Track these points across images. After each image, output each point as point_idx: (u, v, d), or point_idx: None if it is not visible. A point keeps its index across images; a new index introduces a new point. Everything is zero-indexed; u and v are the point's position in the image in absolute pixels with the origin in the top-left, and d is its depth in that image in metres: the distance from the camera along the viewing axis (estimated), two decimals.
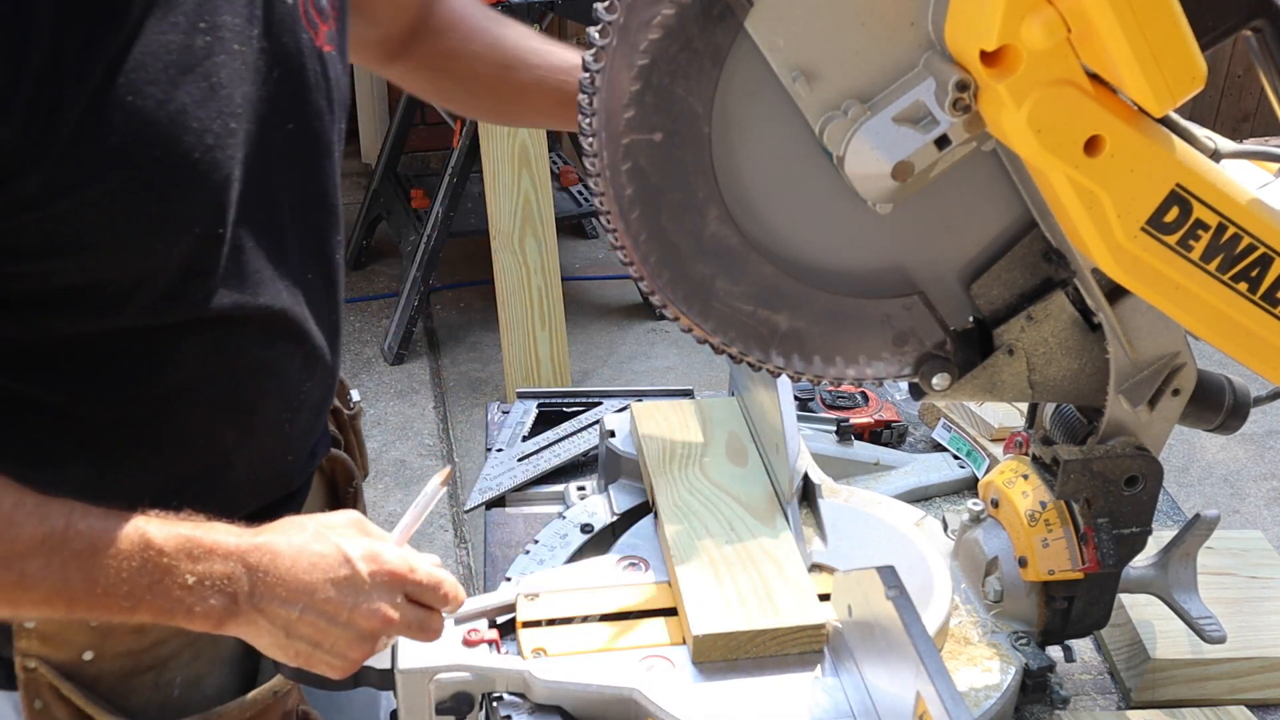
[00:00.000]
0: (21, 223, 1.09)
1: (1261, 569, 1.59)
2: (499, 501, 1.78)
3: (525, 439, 1.88)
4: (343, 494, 1.62)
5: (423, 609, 1.23)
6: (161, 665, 1.32)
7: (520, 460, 1.82)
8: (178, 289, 1.20)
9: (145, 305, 1.19)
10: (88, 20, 1.06)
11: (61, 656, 1.32)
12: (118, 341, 1.21)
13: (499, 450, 1.86)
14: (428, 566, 1.23)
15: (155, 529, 1.14)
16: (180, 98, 1.13)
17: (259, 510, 1.38)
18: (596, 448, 1.76)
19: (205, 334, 1.25)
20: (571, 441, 1.84)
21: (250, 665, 1.42)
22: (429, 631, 1.24)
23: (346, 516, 1.26)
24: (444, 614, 1.26)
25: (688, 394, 1.91)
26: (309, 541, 1.19)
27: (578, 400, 1.96)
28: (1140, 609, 1.48)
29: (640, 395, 1.93)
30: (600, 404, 1.93)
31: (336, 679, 1.23)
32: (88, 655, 1.31)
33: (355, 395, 1.65)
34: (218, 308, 1.23)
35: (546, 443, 1.85)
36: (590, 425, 1.87)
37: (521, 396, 2.01)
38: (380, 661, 1.28)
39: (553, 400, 1.98)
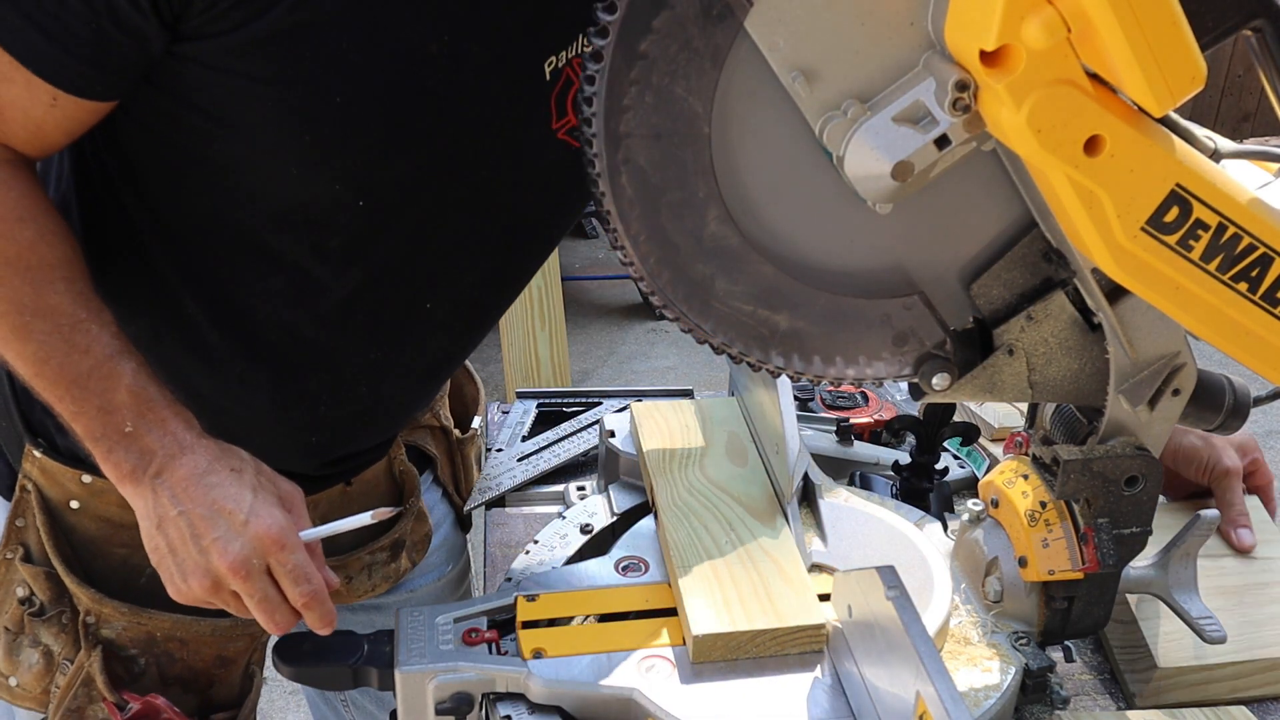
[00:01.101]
0: (200, 79, 1.18)
1: (1261, 546, 1.58)
2: (499, 501, 1.78)
3: (525, 439, 1.88)
4: (409, 505, 1.66)
5: (277, 593, 1.24)
6: (137, 546, 1.33)
7: (520, 460, 1.82)
8: (294, 224, 1.28)
9: (261, 215, 1.28)
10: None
11: (53, 494, 1.41)
12: (229, 228, 1.30)
13: (499, 450, 1.86)
14: (306, 560, 1.23)
15: (135, 368, 1.23)
16: (405, 89, 1.22)
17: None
18: (596, 448, 1.76)
19: (293, 278, 1.32)
20: (571, 441, 1.84)
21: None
22: (273, 619, 1.24)
23: (288, 485, 1.29)
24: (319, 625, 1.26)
25: (688, 394, 1.91)
26: (230, 474, 1.23)
27: (577, 400, 1.96)
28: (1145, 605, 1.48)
29: (640, 395, 1.93)
30: (600, 404, 1.93)
31: (173, 597, 1.26)
32: (74, 504, 1.40)
33: (476, 422, 1.71)
34: (319, 265, 1.31)
35: (546, 443, 1.85)
36: (590, 425, 1.87)
37: (521, 396, 2.01)
38: (380, 661, 1.28)
39: (552, 400, 1.98)
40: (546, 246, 1.51)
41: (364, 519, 1.30)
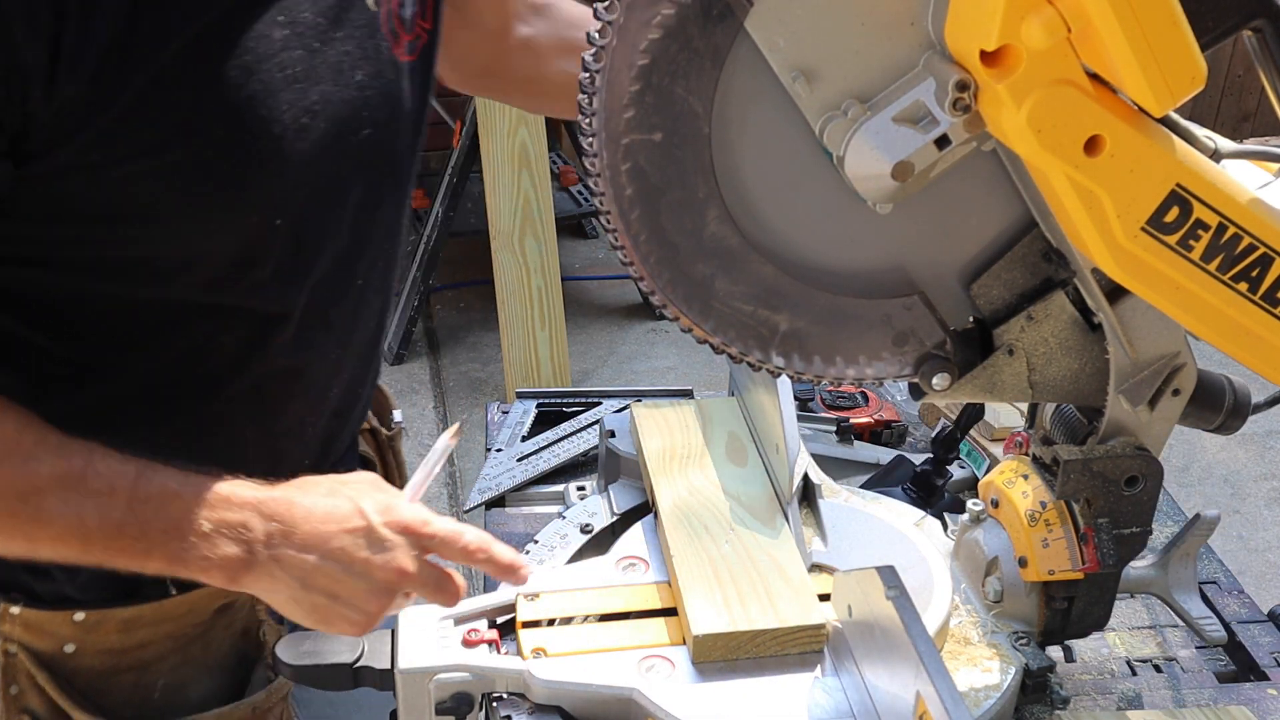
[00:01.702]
0: (81, 184, 1.10)
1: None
2: (499, 501, 1.78)
3: (525, 439, 1.88)
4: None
5: (437, 569, 1.21)
6: (144, 666, 1.32)
7: (520, 460, 1.82)
8: (226, 275, 1.21)
9: (191, 286, 1.20)
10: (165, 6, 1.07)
11: (43, 646, 1.31)
12: (158, 317, 1.22)
13: (498, 450, 1.86)
14: (445, 522, 1.21)
15: (174, 477, 1.15)
16: (252, 85, 1.13)
17: None
18: (596, 448, 1.76)
19: (244, 326, 1.25)
20: (571, 441, 1.84)
21: (241, 675, 1.41)
22: (445, 592, 1.22)
23: (361, 475, 1.25)
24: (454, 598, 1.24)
25: (687, 394, 1.91)
26: (324, 495, 1.19)
27: (577, 400, 1.96)
28: None
29: (640, 395, 1.93)
30: (600, 404, 1.93)
31: (355, 634, 1.22)
32: (69, 648, 1.31)
33: (398, 416, 1.64)
34: (263, 300, 1.24)
35: (546, 443, 1.85)
36: (590, 425, 1.87)
37: (521, 396, 2.01)
38: (380, 661, 1.28)
39: (552, 400, 1.98)
40: (409, 178, 1.44)
41: (446, 447, 1.28)
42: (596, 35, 1.08)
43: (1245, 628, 1.54)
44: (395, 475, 1.67)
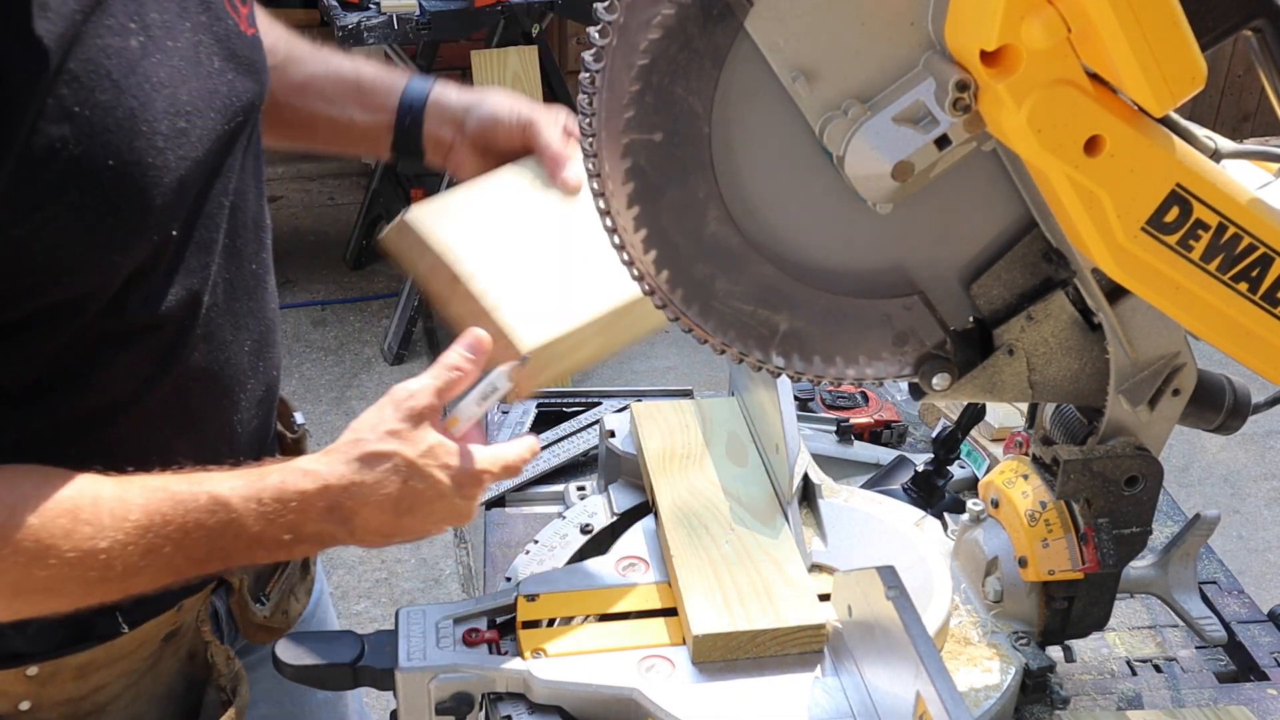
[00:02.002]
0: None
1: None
2: (499, 501, 1.78)
3: None
4: None
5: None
6: (100, 711, 1.30)
7: None
8: (124, 295, 1.17)
9: (92, 316, 1.16)
10: (26, 33, 1.03)
11: None
12: (59, 354, 1.17)
13: None
14: (492, 453, 1.26)
15: (239, 501, 1.17)
16: (127, 102, 1.10)
17: None
18: (596, 448, 1.76)
19: (150, 338, 1.22)
20: (571, 441, 1.84)
21: (191, 701, 1.39)
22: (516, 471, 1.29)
23: (390, 409, 1.23)
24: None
25: (687, 394, 1.91)
26: (382, 472, 1.20)
27: (577, 400, 1.96)
28: None
29: (640, 395, 1.93)
30: (600, 404, 1.93)
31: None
32: (24, 705, 1.27)
33: (299, 418, 1.61)
34: (165, 309, 1.21)
35: (546, 443, 1.85)
36: (590, 425, 1.86)
37: None
38: (380, 660, 1.28)
39: (552, 400, 1.98)
40: (262, 151, 1.40)
41: (501, 383, 1.28)
42: (596, 35, 1.08)
43: (1245, 628, 1.55)
44: None
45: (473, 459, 1.24)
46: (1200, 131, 1.13)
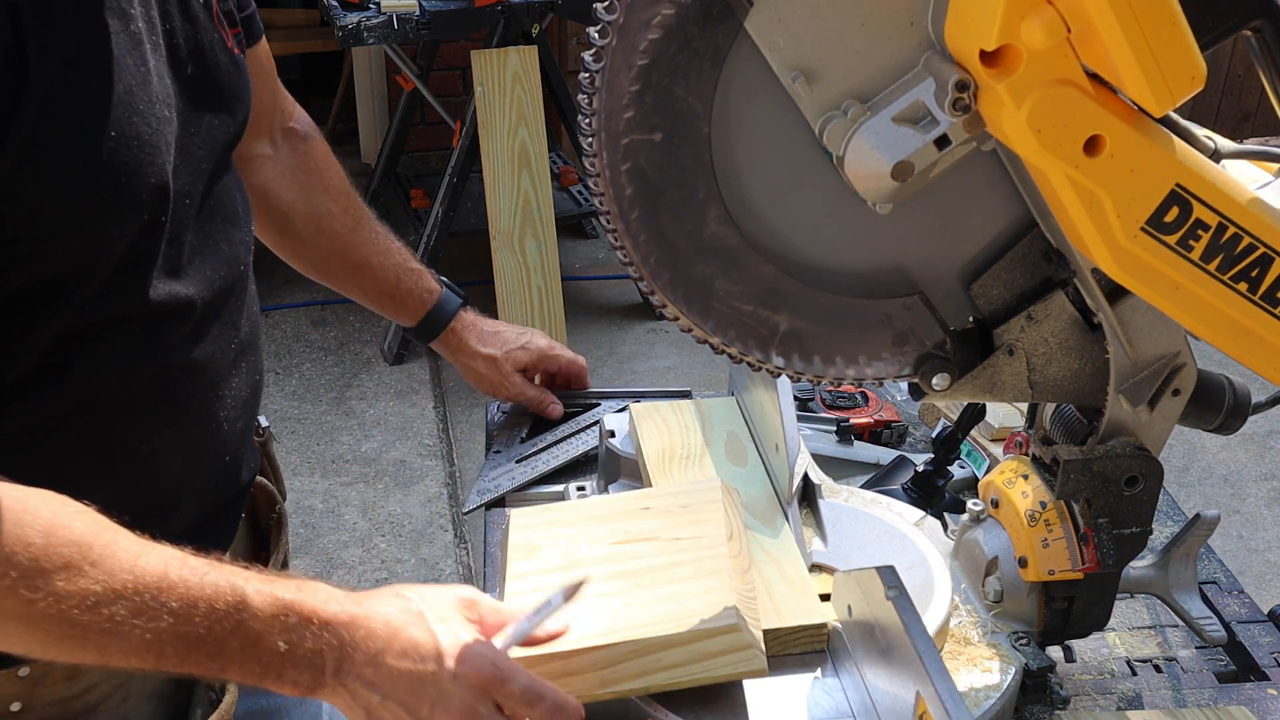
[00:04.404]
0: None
1: (688, 527, 1.38)
2: (499, 502, 1.78)
3: (524, 440, 1.88)
4: (264, 521, 1.59)
5: None
6: (91, 711, 1.28)
7: (519, 461, 1.82)
8: (116, 281, 1.18)
9: (82, 301, 1.16)
10: (42, 10, 1.07)
11: None
12: (45, 343, 1.17)
13: (497, 451, 1.86)
14: (528, 680, 1.16)
15: (253, 590, 1.11)
16: (126, 80, 1.14)
17: (199, 521, 1.35)
18: (596, 448, 1.76)
19: (138, 330, 1.22)
20: (571, 443, 1.84)
21: (180, 699, 1.38)
22: None
23: (456, 595, 1.22)
24: None
25: (685, 395, 1.91)
26: (406, 625, 1.16)
27: (577, 402, 1.95)
28: None
29: (638, 397, 1.93)
30: (599, 404, 1.93)
31: None
32: (15, 706, 1.25)
33: (264, 420, 1.60)
34: (154, 300, 1.21)
35: (546, 444, 1.85)
36: (590, 426, 1.86)
37: None
38: None
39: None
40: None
41: (558, 603, 1.21)
42: (596, 35, 1.08)
43: (1245, 628, 1.55)
44: (271, 478, 1.62)
45: (493, 659, 1.16)
46: (1200, 131, 1.13)
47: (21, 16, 1.05)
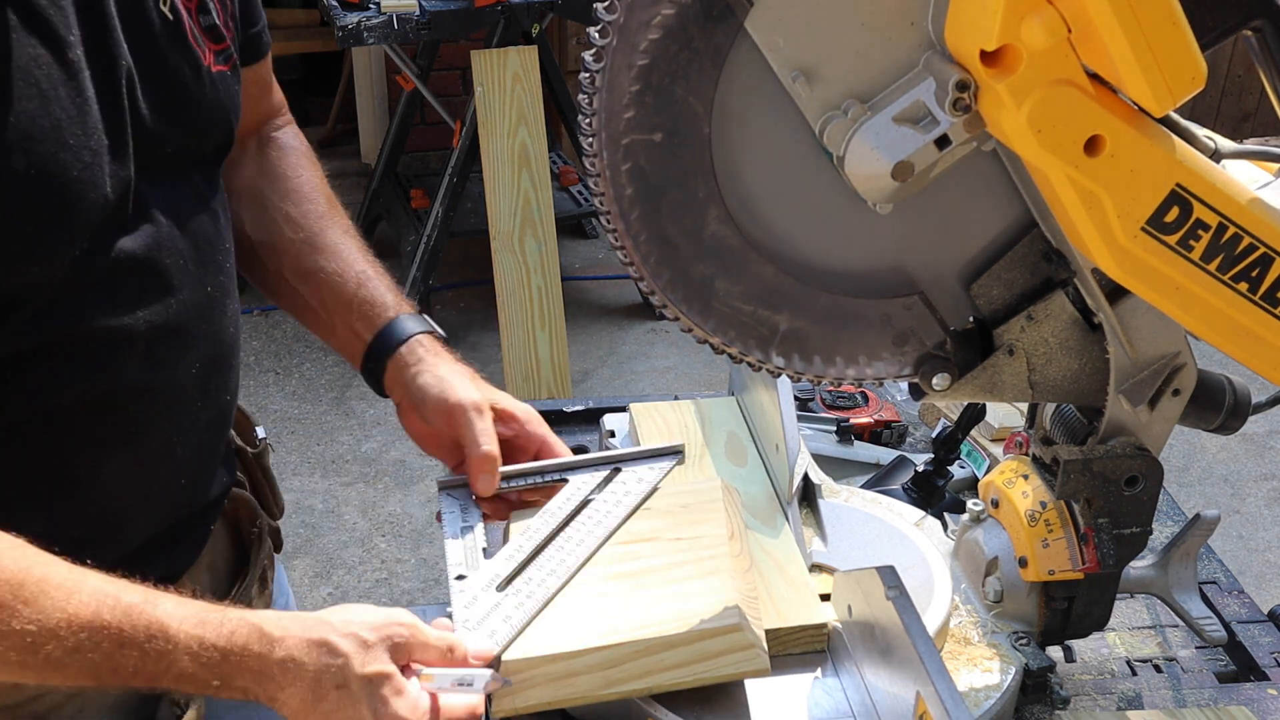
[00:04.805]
0: None
1: (688, 527, 1.38)
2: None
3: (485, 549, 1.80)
4: (246, 535, 1.56)
5: None
6: (42, 717, 1.27)
7: (499, 589, 1.74)
8: (51, 309, 1.16)
9: (16, 328, 1.15)
10: None
11: None
12: None
13: (460, 577, 1.78)
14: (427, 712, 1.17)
15: (184, 636, 1.12)
16: (55, 113, 1.10)
17: (151, 539, 1.33)
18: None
19: (80, 354, 1.20)
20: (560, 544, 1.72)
21: (146, 714, 1.35)
22: None
23: (386, 631, 1.19)
24: None
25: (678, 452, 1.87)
26: (335, 690, 1.15)
27: (576, 410, 1.93)
28: None
29: (618, 461, 1.87)
30: (566, 480, 1.85)
31: None
32: None
33: (261, 432, 1.58)
34: (97, 327, 1.19)
35: (526, 555, 1.76)
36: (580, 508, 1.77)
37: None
38: None
39: (549, 412, 1.96)
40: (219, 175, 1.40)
41: (477, 687, 1.20)
42: (597, 35, 1.08)
43: (1245, 628, 1.55)
44: (265, 492, 1.59)
45: (412, 709, 1.16)
46: (1200, 131, 1.13)
47: None
